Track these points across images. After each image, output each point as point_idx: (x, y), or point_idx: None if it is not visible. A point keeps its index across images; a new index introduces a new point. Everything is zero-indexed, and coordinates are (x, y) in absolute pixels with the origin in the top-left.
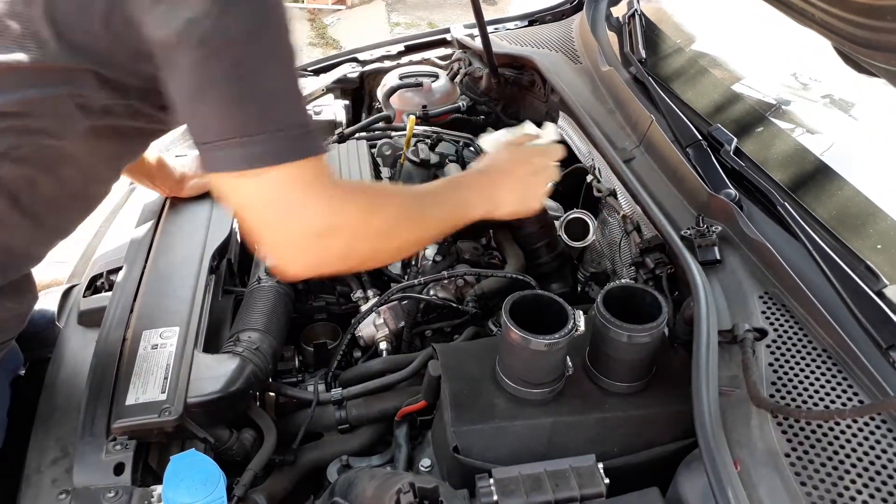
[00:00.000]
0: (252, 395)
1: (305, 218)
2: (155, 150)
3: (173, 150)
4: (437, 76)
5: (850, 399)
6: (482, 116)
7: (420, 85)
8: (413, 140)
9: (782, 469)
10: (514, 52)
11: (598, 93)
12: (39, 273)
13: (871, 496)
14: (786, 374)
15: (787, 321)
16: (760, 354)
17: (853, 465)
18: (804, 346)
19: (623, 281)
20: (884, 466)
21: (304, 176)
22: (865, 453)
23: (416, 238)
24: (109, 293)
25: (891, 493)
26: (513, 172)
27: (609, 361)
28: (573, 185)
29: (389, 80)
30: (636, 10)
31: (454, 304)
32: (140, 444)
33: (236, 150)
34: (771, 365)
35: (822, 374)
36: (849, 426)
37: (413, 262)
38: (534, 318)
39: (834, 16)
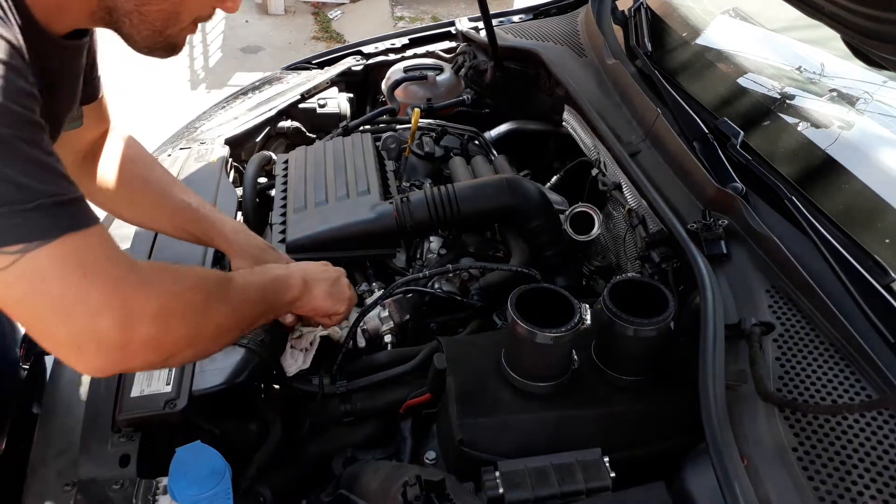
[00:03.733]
0: (257, 387)
1: (78, 314)
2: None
3: (171, 148)
4: (441, 69)
5: (857, 393)
6: (487, 110)
7: (425, 78)
8: (418, 133)
9: (790, 464)
10: (519, 46)
11: (604, 86)
12: None
13: (879, 491)
14: (793, 368)
15: (794, 315)
16: (767, 349)
17: (861, 460)
18: (811, 341)
19: (629, 275)
20: (892, 461)
21: (63, 260)
22: (873, 448)
23: (233, 321)
24: None
25: None
26: (319, 271)
27: (615, 355)
28: (578, 178)
29: (394, 73)
30: (642, 3)
31: (459, 298)
32: (145, 436)
33: None
34: (778, 359)
35: (830, 369)
36: (857, 421)
37: (418, 256)
38: (539, 312)
39: (843, 7)
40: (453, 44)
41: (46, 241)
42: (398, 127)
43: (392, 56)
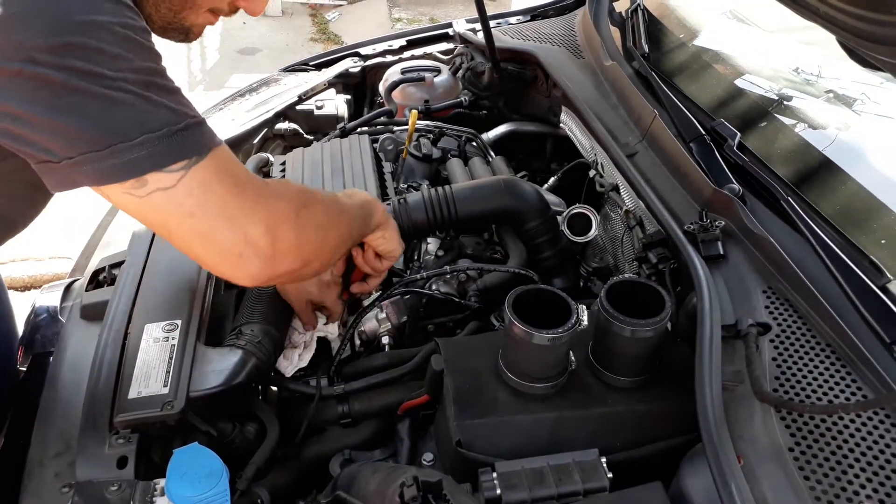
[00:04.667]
0: (254, 388)
1: (238, 219)
2: None
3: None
4: (439, 71)
5: (853, 394)
6: (484, 111)
7: (422, 79)
8: (415, 135)
9: (786, 463)
10: (516, 47)
11: (601, 87)
12: (42, 268)
13: (875, 490)
14: (789, 368)
15: (790, 316)
16: (764, 349)
17: (857, 460)
18: (808, 341)
19: (626, 275)
20: (888, 461)
21: (218, 172)
22: (869, 448)
23: (342, 236)
24: (112, 287)
25: (895, 488)
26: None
27: (612, 356)
28: (576, 180)
29: (391, 74)
30: (639, 4)
31: (456, 299)
32: (143, 438)
33: (122, 157)
34: (774, 360)
35: (826, 369)
36: (852, 421)
37: (415, 257)
38: (536, 313)
39: (838, 9)
40: (451, 45)
41: (202, 157)
42: (395, 128)
43: (390, 58)
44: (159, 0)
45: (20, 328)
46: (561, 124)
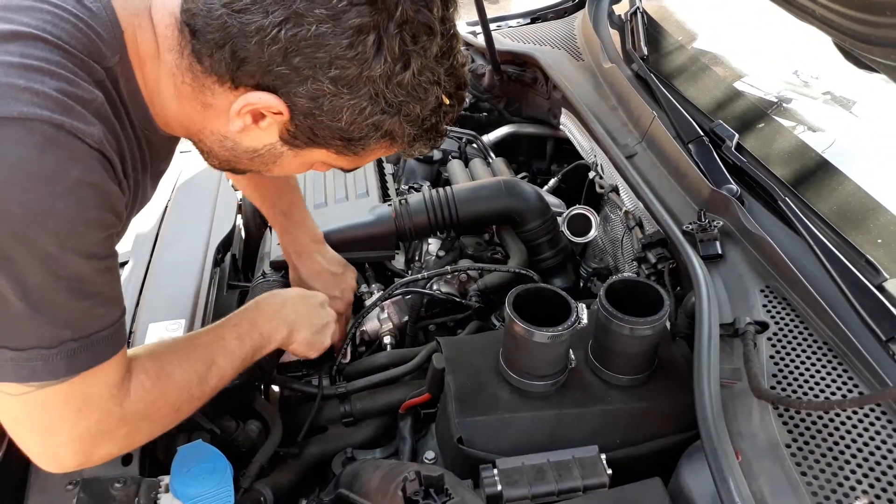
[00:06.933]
0: (258, 387)
1: (71, 433)
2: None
3: None
4: None
5: (850, 391)
6: (485, 113)
7: None
8: None
9: (783, 459)
10: (516, 49)
11: (601, 89)
12: None
13: (871, 486)
14: (787, 366)
15: (787, 314)
16: (762, 347)
17: (853, 456)
18: (805, 339)
19: (626, 275)
20: (883, 457)
21: (68, 400)
22: (865, 444)
23: (207, 396)
24: None
25: (890, 483)
26: (305, 300)
27: (612, 354)
28: (576, 181)
29: None
30: (638, 7)
31: (457, 299)
32: None
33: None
34: (772, 357)
35: (823, 367)
36: (849, 417)
37: (417, 258)
38: (537, 312)
39: (834, 12)
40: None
41: (59, 382)
42: None
43: None
44: (210, 157)
45: None
46: (561, 126)
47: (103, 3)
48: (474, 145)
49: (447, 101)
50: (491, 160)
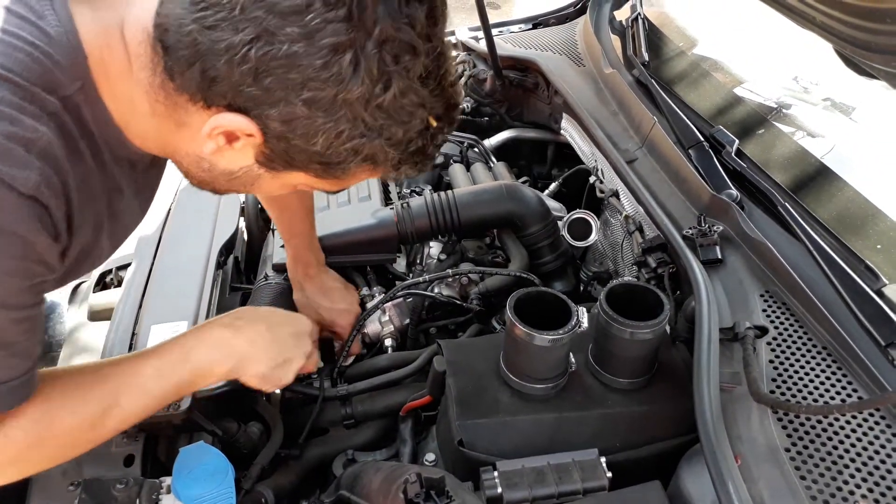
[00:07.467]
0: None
1: None
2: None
3: None
4: None
5: (849, 395)
6: (486, 118)
7: None
8: None
9: (782, 463)
10: (518, 55)
11: (602, 95)
12: None
13: (870, 490)
14: (786, 370)
15: (787, 319)
16: (761, 351)
17: (852, 460)
18: (804, 344)
19: (626, 279)
20: (882, 461)
21: None
22: (864, 448)
23: (120, 424)
24: (118, 289)
25: (889, 488)
26: (272, 330)
27: (612, 358)
28: (576, 185)
29: None
30: (639, 13)
31: (458, 302)
32: (149, 437)
33: None
34: (771, 362)
35: (822, 371)
36: (848, 422)
37: (418, 261)
38: (537, 315)
39: (835, 19)
40: (453, 53)
41: None
42: None
43: None
44: (189, 176)
45: None
46: (562, 131)
47: (65, 25)
48: (476, 149)
49: (434, 124)
50: (492, 164)
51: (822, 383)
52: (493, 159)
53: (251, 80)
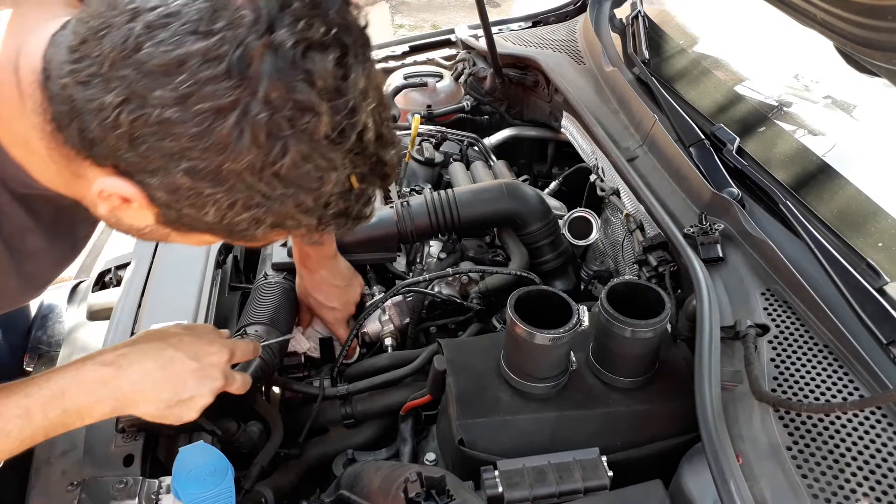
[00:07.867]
0: (258, 388)
1: None
2: None
3: None
4: (441, 76)
5: (850, 393)
6: (486, 116)
7: (425, 85)
8: (418, 139)
9: (784, 462)
10: (518, 53)
11: (602, 93)
12: None
13: (872, 488)
14: (787, 369)
15: (788, 317)
16: (762, 350)
17: (854, 458)
18: (806, 342)
19: (627, 277)
20: (884, 459)
21: None
22: (866, 446)
23: None
24: (117, 288)
25: (891, 486)
26: (171, 364)
27: (612, 356)
28: (577, 184)
29: (394, 79)
30: (639, 11)
31: (458, 301)
32: (149, 436)
33: None
34: (773, 360)
35: (824, 369)
36: (849, 420)
37: (418, 260)
38: (538, 314)
39: (835, 16)
40: (453, 51)
41: None
42: (398, 133)
43: (392, 63)
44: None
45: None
46: (562, 129)
47: None
48: (476, 148)
49: (357, 185)
50: (492, 163)
51: (824, 381)
52: (493, 158)
53: (126, 146)
